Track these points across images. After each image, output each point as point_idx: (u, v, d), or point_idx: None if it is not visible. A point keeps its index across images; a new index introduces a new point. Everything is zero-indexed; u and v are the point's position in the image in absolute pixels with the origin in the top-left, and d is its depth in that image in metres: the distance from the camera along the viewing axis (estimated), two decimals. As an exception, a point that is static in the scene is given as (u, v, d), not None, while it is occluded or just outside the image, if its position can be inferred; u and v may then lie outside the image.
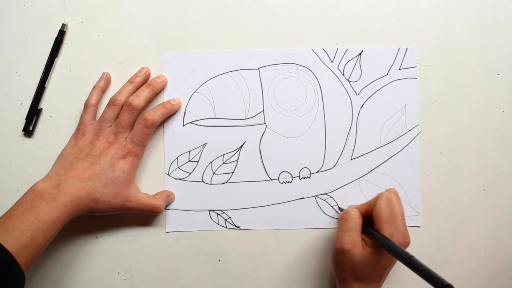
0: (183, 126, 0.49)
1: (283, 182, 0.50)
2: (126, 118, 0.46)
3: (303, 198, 0.50)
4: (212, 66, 0.49)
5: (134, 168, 0.46)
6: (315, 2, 0.50)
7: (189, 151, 0.49)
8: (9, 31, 0.49)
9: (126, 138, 0.46)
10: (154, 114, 0.46)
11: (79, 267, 0.49)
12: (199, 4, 0.50)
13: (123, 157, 0.45)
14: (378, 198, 0.44)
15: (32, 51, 0.49)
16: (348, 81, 0.50)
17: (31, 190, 0.41)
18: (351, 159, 0.50)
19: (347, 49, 0.50)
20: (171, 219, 0.49)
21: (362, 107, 0.50)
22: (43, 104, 0.49)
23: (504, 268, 0.50)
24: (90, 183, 0.43)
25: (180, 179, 0.49)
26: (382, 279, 0.44)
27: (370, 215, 0.45)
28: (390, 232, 0.42)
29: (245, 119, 0.50)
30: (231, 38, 0.50)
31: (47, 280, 0.49)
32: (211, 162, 0.49)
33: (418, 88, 0.50)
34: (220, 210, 0.49)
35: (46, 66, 0.49)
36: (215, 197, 0.49)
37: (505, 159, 0.50)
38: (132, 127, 0.47)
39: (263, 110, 0.50)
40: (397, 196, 0.45)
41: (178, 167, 0.49)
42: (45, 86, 0.49)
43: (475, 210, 0.50)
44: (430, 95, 0.50)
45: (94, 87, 0.49)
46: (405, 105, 0.50)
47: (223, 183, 0.49)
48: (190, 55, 0.50)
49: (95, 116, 0.48)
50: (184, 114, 0.49)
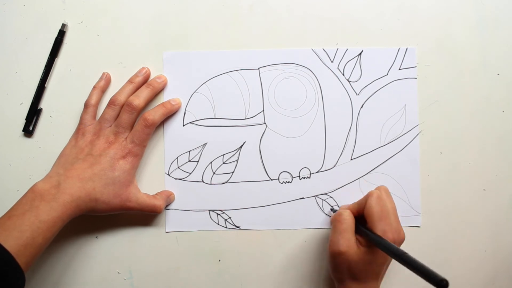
0: (183, 126, 0.49)
1: (283, 182, 0.50)
2: (126, 118, 0.46)
3: (303, 198, 0.50)
4: (212, 66, 0.49)
5: (134, 168, 0.46)
6: (315, 2, 0.50)
7: (189, 151, 0.49)
8: (9, 31, 0.49)
9: (126, 138, 0.46)
10: (154, 114, 0.46)
11: (79, 267, 0.49)
12: (199, 4, 0.50)
13: (123, 157, 0.45)
14: (368, 196, 0.44)
15: (32, 51, 0.49)
16: (348, 81, 0.50)
17: (31, 190, 0.41)
18: (351, 159, 0.50)
19: (347, 49, 0.50)
20: (171, 219, 0.49)
21: (362, 107, 0.50)
22: (43, 104, 0.49)
23: (504, 268, 0.50)
24: (90, 183, 0.43)
25: (180, 179, 0.49)
26: (380, 276, 0.44)
27: (362, 214, 0.44)
28: (383, 229, 0.42)
29: (245, 119, 0.50)
30: (231, 38, 0.50)
31: (47, 280, 0.49)
32: (211, 162, 0.49)
33: (418, 88, 0.50)
34: (220, 210, 0.49)
35: (46, 66, 0.49)
36: (215, 197, 0.49)
37: (505, 159, 0.50)
38: (132, 127, 0.47)
39: (263, 110, 0.50)
40: (387, 193, 0.45)
41: (178, 167, 0.49)
42: (45, 86, 0.49)
43: (475, 210, 0.50)
44: (430, 95, 0.50)
45: (94, 87, 0.49)
46: (405, 105, 0.50)
47: (223, 183, 0.49)
48: (190, 55, 0.50)
49: (95, 116, 0.48)
50: (184, 114, 0.49)
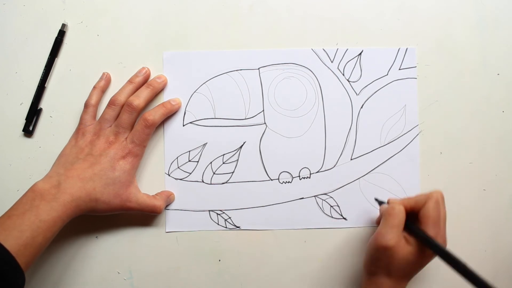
0: (183, 126, 0.49)
1: (283, 182, 0.50)
2: (126, 118, 0.46)
3: (303, 198, 0.49)
4: (212, 66, 0.49)
5: (134, 168, 0.46)
6: (315, 2, 0.50)
7: (189, 151, 0.49)
8: (9, 31, 0.49)
9: (126, 138, 0.46)
10: (154, 114, 0.46)
11: (79, 267, 0.49)
12: (199, 4, 0.50)
13: (123, 157, 0.45)
14: (428, 198, 0.43)
15: (32, 51, 0.49)
16: (348, 81, 0.50)
17: (31, 189, 0.41)
18: (351, 159, 0.50)
19: (347, 49, 0.50)
20: (171, 219, 0.49)
21: (362, 107, 0.50)
22: (43, 104, 0.49)
23: (504, 268, 0.50)
24: (91, 183, 0.43)
25: (180, 179, 0.49)
26: (410, 278, 0.43)
27: (414, 212, 0.44)
28: (434, 235, 0.41)
29: (245, 119, 0.49)
30: (231, 38, 0.50)
31: (47, 280, 0.48)
32: (211, 162, 0.49)
33: (418, 88, 0.50)
34: (220, 210, 0.49)
35: (46, 66, 0.49)
36: (215, 197, 0.49)
37: (505, 159, 0.50)
38: (132, 127, 0.47)
39: (263, 110, 0.50)
40: (443, 199, 0.44)
41: (178, 167, 0.49)
42: (45, 86, 0.49)
43: (475, 210, 0.50)
44: (430, 95, 0.50)
45: (94, 87, 0.49)
46: (405, 105, 0.50)
47: (223, 183, 0.49)
48: (190, 55, 0.50)
49: (95, 116, 0.48)
50: (184, 114, 0.49)
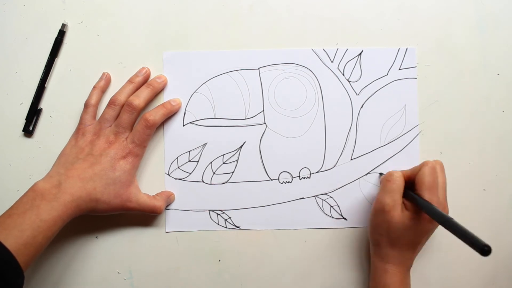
0: (183, 126, 0.49)
1: (283, 182, 0.50)
2: (126, 118, 0.46)
3: (303, 198, 0.49)
4: (212, 66, 0.49)
5: (135, 168, 0.46)
6: (315, 2, 0.50)
7: (189, 151, 0.49)
8: (9, 31, 0.49)
9: (127, 138, 0.46)
10: (154, 114, 0.46)
11: (79, 267, 0.49)
12: (199, 4, 0.50)
13: (124, 157, 0.45)
14: (423, 165, 0.44)
15: (32, 51, 0.49)
16: (348, 81, 0.50)
17: (32, 189, 0.41)
18: (351, 159, 0.50)
19: (347, 49, 0.50)
20: (171, 219, 0.49)
21: (362, 107, 0.50)
22: (43, 104, 0.49)
23: (504, 268, 0.50)
24: (91, 183, 0.43)
25: (180, 179, 0.49)
26: (417, 247, 0.43)
27: (412, 181, 0.44)
28: (429, 200, 0.42)
29: (245, 119, 0.50)
30: (231, 38, 0.50)
31: (47, 280, 0.48)
32: (211, 162, 0.49)
33: (418, 88, 0.50)
34: (220, 210, 0.49)
35: (46, 66, 0.49)
36: (215, 197, 0.49)
37: (505, 159, 0.50)
38: (132, 127, 0.47)
39: (263, 110, 0.50)
40: (442, 167, 0.45)
41: (178, 167, 0.49)
42: (45, 86, 0.49)
43: (475, 210, 0.50)
44: (430, 95, 0.50)
45: (94, 87, 0.49)
46: (405, 105, 0.50)
47: (223, 183, 0.49)
48: (190, 55, 0.50)
49: (95, 116, 0.48)
50: (184, 114, 0.49)
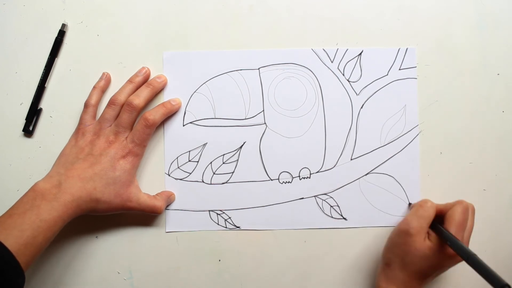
0: (183, 126, 0.49)
1: (283, 182, 0.50)
2: (126, 117, 0.46)
3: (303, 198, 0.49)
4: (212, 66, 0.49)
5: (135, 168, 0.46)
6: (315, 2, 0.50)
7: (189, 151, 0.49)
8: (9, 31, 0.49)
9: (127, 137, 0.46)
10: (154, 114, 0.46)
11: (79, 267, 0.49)
12: (199, 4, 0.50)
13: (124, 157, 0.45)
14: (457, 202, 0.44)
15: (32, 51, 0.49)
16: (348, 81, 0.50)
17: (32, 189, 0.41)
18: (351, 159, 0.50)
19: (347, 49, 0.50)
20: (171, 219, 0.49)
21: (362, 107, 0.50)
22: (43, 104, 0.49)
23: (504, 268, 0.50)
24: (91, 183, 0.43)
25: (180, 179, 0.49)
26: (426, 280, 0.44)
27: (442, 215, 0.45)
28: (455, 236, 0.42)
29: (245, 119, 0.50)
30: (231, 38, 0.50)
31: (47, 280, 0.48)
32: (211, 162, 0.49)
33: (418, 88, 0.50)
34: (220, 210, 0.49)
35: (46, 66, 0.49)
36: (215, 197, 0.49)
37: (505, 159, 0.50)
38: (132, 126, 0.47)
39: (263, 110, 0.50)
40: (473, 211, 0.45)
41: (178, 167, 0.49)
42: (45, 86, 0.49)
43: (475, 210, 0.50)
44: (430, 95, 0.50)
45: (94, 87, 0.49)
46: (405, 105, 0.50)
47: (223, 183, 0.49)
48: (190, 55, 0.50)
49: (95, 116, 0.48)
50: (184, 114, 0.49)
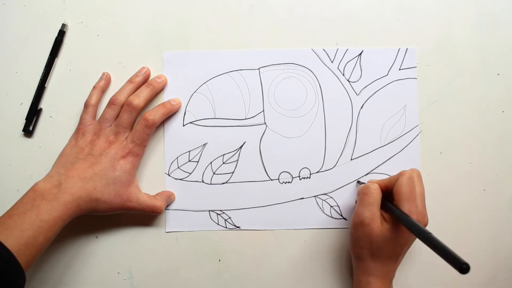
0: (183, 126, 0.49)
1: (283, 182, 0.50)
2: (126, 117, 0.46)
3: (303, 198, 0.50)
4: (212, 66, 0.49)
5: (135, 168, 0.46)
6: (315, 2, 0.50)
7: (189, 151, 0.49)
8: (9, 31, 0.49)
9: (127, 138, 0.46)
10: (154, 114, 0.46)
11: (79, 267, 0.49)
12: (199, 4, 0.50)
13: (124, 157, 0.45)
14: (400, 175, 0.44)
15: (32, 51, 0.49)
16: (348, 81, 0.50)
17: (32, 189, 0.41)
18: (351, 159, 0.50)
19: (347, 49, 0.50)
20: (171, 219, 0.49)
21: (362, 107, 0.50)
22: (43, 104, 0.49)
23: (504, 268, 0.50)
24: (91, 183, 0.43)
25: (180, 179, 0.49)
26: (399, 258, 0.44)
27: (390, 191, 0.44)
28: (409, 210, 0.42)
29: (245, 119, 0.50)
30: (231, 38, 0.50)
31: (47, 280, 0.48)
32: (211, 162, 0.49)
33: (418, 88, 0.50)
34: (220, 210, 0.49)
35: (46, 66, 0.49)
36: (215, 197, 0.49)
37: (505, 159, 0.50)
38: (132, 126, 0.47)
39: (263, 110, 0.50)
40: (419, 176, 0.45)
41: (178, 167, 0.49)
42: (45, 86, 0.49)
43: (475, 210, 0.50)
44: (430, 95, 0.50)
45: (94, 87, 0.49)
46: (405, 105, 0.50)
47: (223, 183, 0.49)
48: (190, 55, 0.50)
49: (95, 116, 0.48)
50: (184, 114, 0.49)
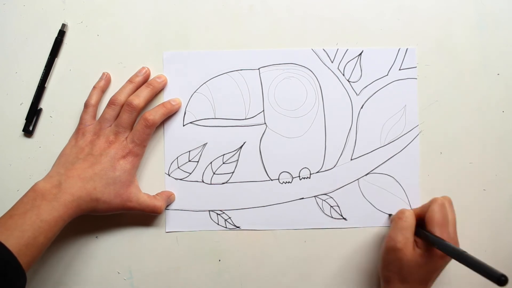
0: (183, 126, 0.49)
1: (283, 182, 0.50)
2: (126, 117, 0.46)
3: (303, 198, 0.50)
4: (212, 66, 0.49)
5: (135, 168, 0.46)
6: (315, 2, 0.50)
7: (189, 151, 0.49)
8: (9, 31, 0.49)
9: (127, 138, 0.46)
10: (154, 114, 0.46)
11: (79, 267, 0.49)
12: (199, 4, 0.50)
13: (124, 157, 0.45)
14: (432, 202, 0.45)
15: (32, 51, 0.49)
16: (348, 81, 0.50)
17: (32, 189, 0.41)
18: (351, 159, 0.50)
19: (347, 49, 0.50)
20: (171, 219, 0.49)
21: (362, 108, 0.50)
22: (43, 104, 0.49)
23: (504, 268, 0.50)
24: (91, 183, 0.43)
25: (180, 179, 0.49)
26: (428, 284, 0.44)
27: (422, 218, 0.45)
28: (440, 236, 0.42)
29: (245, 119, 0.50)
30: (231, 38, 0.50)
31: (47, 280, 0.48)
32: (211, 162, 0.49)
33: (418, 88, 0.50)
34: (220, 210, 0.49)
35: (46, 66, 0.49)
36: (215, 197, 0.49)
37: (505, 159, 0.50)
38: (132, 126, 0.47)
39: (263, 110, 0.50)
40: (450, 203, 0.45)
41: (178, 167, 0.49)
42: (45, 86, 0.49)
43: (475, 210, 0.50)
44: (430, 95, 0.50)
45: (94, 87, 0.49)
46: (405, 105, 0.50)
47: (223, 183, 0.49)
48: (190, 55, 0.50)
49: (95, 116, 0.48)
50: (184, 114, 0.49)
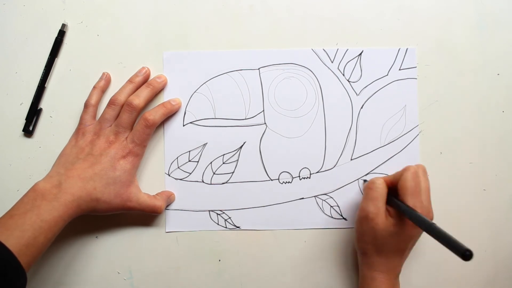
0: (183, 126, 0.49)
1: (283, 182, 0.50)
2: (126, 117, 0.46)
3: (303, 198, 0.50)
4: (212, 66, 0.49)
5: (135, 168, 0.46)
6: (315, 2, 0.50)
7: (189, 151, 0.49)
8: (9, 31, 0.49)
9: (127, 138, 0.46)
10: (154, 114, 0.46)
11: (79, 267, 0.49)
12: (199, 4, 0.50)
13: (124, 156, 0.45)
14: (404, 170, 0.44)
15: (32, 51, 0.49)
16: (348, 81, 0.50)
17: (32, 189, 0.41)
18: (351, 159, 0.50)
19: (347, 49, 0.50)
20: (171, 219, 0.49)
21: (362, 108, 0.50)
22: (43, 104, 0.49)
23: (504, 268, 0.50)
24: (91, 183, 0.43)
25: (180, 179, 0.49)
26: (404, 254, 0.44)
27: (395, 186, 0.44)
28: (413, 205, 0.42)
29: (245, 119, 0.50)
30: (231, 38, 0.50)
31: (47, 280, 0.48)
32: (211, 162, 0.49)
33: (418, 88, 0.50)
34: (220, 210, 0.49)
35: (46, 66, 0.49)
36: (215, 197, 0.49)
37: (505, 159, 0.50)
38: (132, 126, 0.47)
39: (263, 110, 0.50)
40: (424, 171, 0.45)
41: (178, 167, 0.49)
42: (45, 86, 0.49)
43: (475, 210, 0.50)
44: (430, 95, 0.50)
45: (94, 87, 0.49)
46: (405, 105, 0.50)
47: (223, 183, 0.49)
48: (190, 55, 0.50)
49: (95, 116, 0.48)
50: (184, 114, 0.49)
